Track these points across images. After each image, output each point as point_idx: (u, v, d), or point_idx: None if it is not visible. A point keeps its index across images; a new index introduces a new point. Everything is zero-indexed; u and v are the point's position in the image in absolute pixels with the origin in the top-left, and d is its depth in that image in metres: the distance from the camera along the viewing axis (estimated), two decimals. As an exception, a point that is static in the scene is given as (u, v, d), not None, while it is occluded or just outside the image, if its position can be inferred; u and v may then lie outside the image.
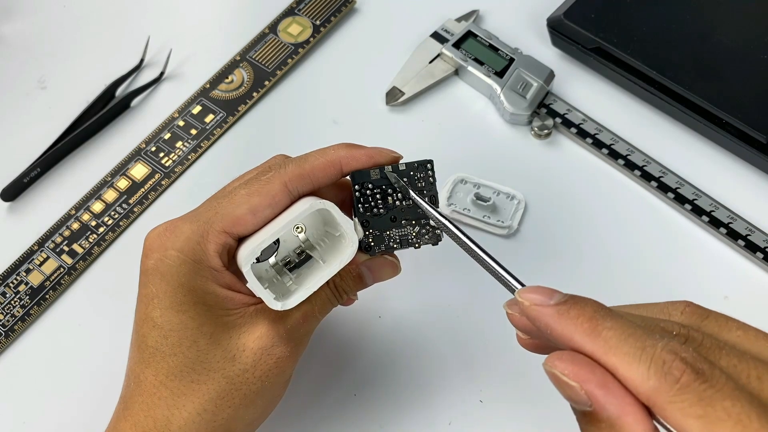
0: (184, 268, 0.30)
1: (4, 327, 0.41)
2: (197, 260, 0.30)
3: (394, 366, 0.39)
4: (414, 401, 0.38)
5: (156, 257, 0.31)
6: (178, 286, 0.30)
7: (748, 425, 0.19)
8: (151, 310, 0.30)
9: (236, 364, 0.30)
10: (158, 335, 0.30)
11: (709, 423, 0.20)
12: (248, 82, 0.49)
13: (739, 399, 0.20)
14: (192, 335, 0.30)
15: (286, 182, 0.31)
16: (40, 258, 0.43)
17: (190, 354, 0.30)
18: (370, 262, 0.32)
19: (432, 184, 0.32)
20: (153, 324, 0.30)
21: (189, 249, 0.30)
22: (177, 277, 0.30)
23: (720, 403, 0.20)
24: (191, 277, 0.30)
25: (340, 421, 0.38)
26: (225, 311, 0.31)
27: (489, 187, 0.43)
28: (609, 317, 0.22)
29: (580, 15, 0.47)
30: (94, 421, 0.39)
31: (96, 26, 0.52)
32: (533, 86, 0.46)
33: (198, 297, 0.30)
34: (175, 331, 0.30)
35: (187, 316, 0.30)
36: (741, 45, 0.46)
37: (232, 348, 0.30)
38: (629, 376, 0.21)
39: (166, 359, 0.30)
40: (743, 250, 0.42)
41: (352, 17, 0.52)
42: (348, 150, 0.32)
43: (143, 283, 0.31)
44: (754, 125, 0.43)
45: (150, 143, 0.47)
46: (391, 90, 0.48)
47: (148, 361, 0.30)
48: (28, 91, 0.50)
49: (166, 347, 0.30)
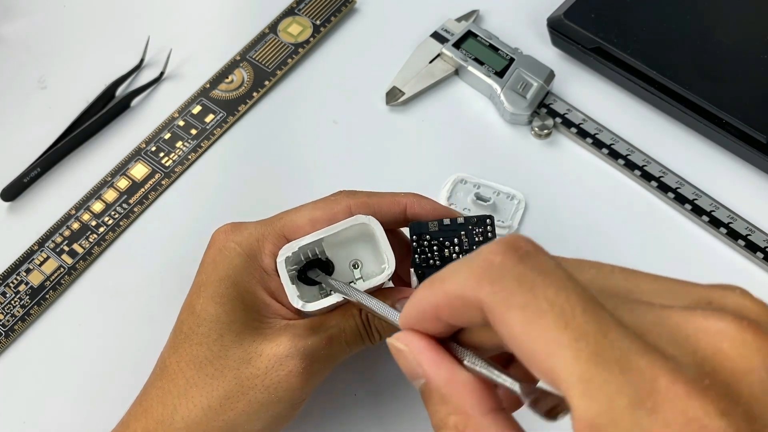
0: (237, 261, 0.31)
1: (4, 327, 0.41)
2: (251, 255, 0.32)
3: (394, 366, 0.39)
4: (414, 401, 0.38)
5: (216, 248, 0.32)
6: (225, 278, 0.31)
7: (570, 320, 0.16)
8: (195, 297, 0.31)
9: (249, 367, 0.30)
10: (193, 323, 0.31)
11: (529, 314, 0.17)
12: (248, 82, 0.49)
13: (565, 288, 0.17)
14: (221, 329, 0.30)
15: (351, 206, 0.32)
16: (40, 258, 0.43)
17: (214, 347, 0.30)
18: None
19: (491, 239, 0.32)
20: (191, 311, 0.31)
21: (247, 244, 0.32)
22: (227, 269, 0.31)
23: (543, 290, 0.17)
24: (240, 272, 0.31)
25: (340, 421, 0.38)
26: (259, 315, 0.31)
27: (489, 186, 0.43)
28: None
29: (580, 15, 0.47)
30: (94, 421, 0.39)
31: (96, 26, 0.52)
32: (533, 86, 0.46)
33: (239, 293, 0.31)
34: (208, 322, 0.31)
35: (222, 309, 0.31)
36: (741, 45, 0.46)
37: (251, 351, 0.30)
38: (457, 285, 0.19)
39: (192, 347, 0.31)
40: (743, 250, 0.42)
41: (352, 17, 0.52)
42: (416, 197, 0.33)
43: (199, 272, 0.33)
44: (754, 125, 0.43)
45: (150, 143, 0.47)
46: (391, 90, 0.48)
47: (176, 347, 0.31)
48: (28, 91, 0.50)
49: (196, 336, 0.31)
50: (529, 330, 0.17)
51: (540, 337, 0.17)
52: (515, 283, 0.17)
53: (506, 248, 0.18)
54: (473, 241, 0.32)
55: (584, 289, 0.17)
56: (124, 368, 0.40)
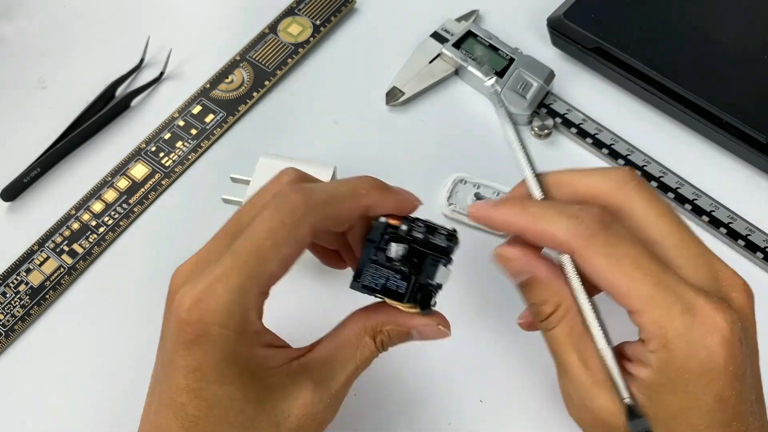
0: (227, 342, 0.28)
1: (4, 327, 0.41)
2: (241, 332, 0.28)
3: (394, 365, 0.39)
4: (414, 401, 0.38)
5: (194, 332, 0.27)
6: (222, 360, 0.28)
7: (641, 263, 0.26)
8: (192, 382, 0.28)
9: (281, 430, 0.29)
10: (202, 406, 0.28)
11: (613, 260, 0.26)
12: (248, 82, 0.49)
13: (635, 245, 0.27)
14: (239, 405, 0.28)
15: (314, 224, 0.28)
16: (40, 258, 0.43)
17: (236, 422, 0.28)
18: (424, 329, 0.31)
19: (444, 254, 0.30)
20: (195, 395, 0.28)
21: (232, 323, 0.28)
22: (220, 353, 0.28)
23: (621, 247, 0.27)
24: (234, 349, 0.28)
25: (340, 421, 0.38)
26: (268, 371, 0.29)
27: (489, 187, 0.43)
28: (532, 201, 0.30)
29: (580, 15, 0.47)
30: (93, 421, 0.39)
31: (96, 26, 0.52)
32: (533, 86, 0.46)
33: (242, 366, 0.28)
34: (221, 403, 0.28)
35: (233, 388, 0.28)
36: (741, 45, 0.46)
37: (278, 414, 0.29)
38: (554, 231, 0.27)
39: (211, 427, 0.28)
40: (743, 250, 0.42)
41: (352, 17, 0.52)
42: (379, 197, 0.30)
43: (180, 354, 0.28)
44: (754, 125, 0.43)
45: (150, 143, 0.47)
46: (391, 90, 0.48)
47: (188, 428, 0.28)
48: (28, 91, 0.50)
49: (212, 417, 0.28)
50: (612, 269, 0.26)
51: (619, 272, 0.26)
52: (602, 242, 0.27)
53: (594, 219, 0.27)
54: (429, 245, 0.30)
55: (644, 247, 0.27)
56: (124, 368, 0.40)
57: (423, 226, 0.30)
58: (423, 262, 0.30)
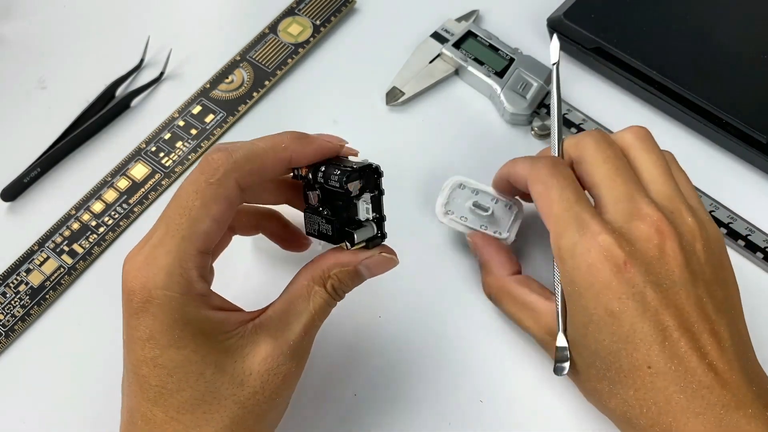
0: (173, 305, 0.29)
1: (4, 327, 0.41)
2: (184, 292, 0.29)
3: (393, 365, 0.39)
4: (414, 401, 0.38)
5: (140, 299, 0.29)
6: (173, 323, 0.29)
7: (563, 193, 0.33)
8: (148, 351, 0.29)
9: (245, 388, 0.29)
10: (161, 374, 0.29)
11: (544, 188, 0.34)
12: (248, 82, 0.49)
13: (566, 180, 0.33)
14: (197, 368, 0.29)
15: (238, 179, 0.30)
16: (40, 258, 0.43)
17: (198, 386, 0.29)
18: (369, 261, 0.32)
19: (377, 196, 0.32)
20: (154, 364, 0.29)
21: (174, 284, 0.29)
22: (169, 315, 0.29)
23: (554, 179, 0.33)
24: (183, 311, 0.29)
25: (340, 421, 0.38)
26: (224, 334, 0.30)
27: (487, 193, 0.41)
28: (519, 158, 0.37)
29: (580, 15, 0.47)
30: (93, 421, 0.39)
31: (96, 26, 0.52)
32: (533, 86, 0.46)
33: (195, 328, 0.29)
34: (180, 368, 0.29)
35: (188, 350, 0.29)
36: (741, 45, 0.46)
37: (239, 373, 0.29)
38: (520, 171, 0.36)
39: (173, 395, 0.29)
40: (743, 250, 0.42)
41: (352, 17, 0.52)
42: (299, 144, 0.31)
43: (132, 326, 0.29)
44: (754, 125, 0.43)
45: (150, 143, 0.47)
46: (391, 90, 0.48)
47: (154, 399, 0.29)
48: (28, 91, 0.50)
49: (172, 384, 0.29)
50: (542, 195, 0.34)
51: (545, 197, 0.33)
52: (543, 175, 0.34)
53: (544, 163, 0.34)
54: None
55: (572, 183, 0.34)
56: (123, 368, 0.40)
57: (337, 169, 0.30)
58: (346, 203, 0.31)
